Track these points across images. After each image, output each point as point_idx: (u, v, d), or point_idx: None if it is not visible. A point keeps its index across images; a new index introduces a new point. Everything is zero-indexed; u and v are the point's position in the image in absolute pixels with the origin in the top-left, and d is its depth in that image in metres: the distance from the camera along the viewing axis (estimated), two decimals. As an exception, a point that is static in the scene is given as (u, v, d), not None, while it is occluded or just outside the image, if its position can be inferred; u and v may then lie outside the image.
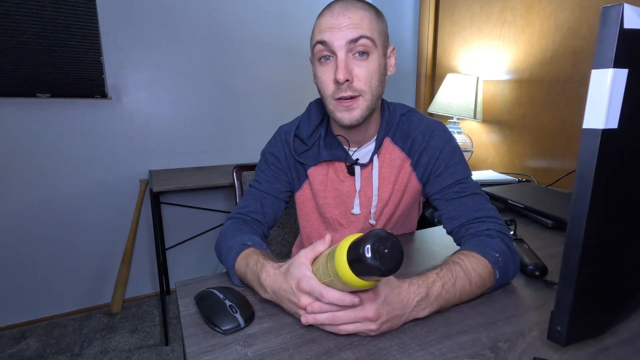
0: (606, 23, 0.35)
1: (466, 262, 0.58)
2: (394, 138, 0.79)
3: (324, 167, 0.80)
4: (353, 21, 0.65)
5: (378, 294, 0.48)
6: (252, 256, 0.61)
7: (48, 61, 1.68)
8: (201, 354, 0.46)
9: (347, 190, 0.80)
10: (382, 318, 0.48)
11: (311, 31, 0.72)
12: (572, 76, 1.49)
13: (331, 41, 0.66)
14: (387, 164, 0.79)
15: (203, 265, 2.27)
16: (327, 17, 0.67)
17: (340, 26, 0.65)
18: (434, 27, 2.23)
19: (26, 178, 1.77)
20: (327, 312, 0.48)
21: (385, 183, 0.79)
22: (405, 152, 0.78)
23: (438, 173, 0.76)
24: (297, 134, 0.81)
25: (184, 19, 1.94)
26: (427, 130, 0.78)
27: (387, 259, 0.40)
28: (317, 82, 0.72)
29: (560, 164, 1.56)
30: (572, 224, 0.39)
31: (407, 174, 0.79)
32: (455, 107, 1.81)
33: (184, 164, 2.10)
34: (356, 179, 0.79)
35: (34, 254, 1.84)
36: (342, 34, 0.65)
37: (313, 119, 0.81)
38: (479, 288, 0.57)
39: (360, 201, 0.80)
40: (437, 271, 0.56)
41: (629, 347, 0.48)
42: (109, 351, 1.69)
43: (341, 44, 0.65)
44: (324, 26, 0.67)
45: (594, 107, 0.37)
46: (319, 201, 0.82)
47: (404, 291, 0.50)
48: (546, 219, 0.95)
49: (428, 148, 0.77)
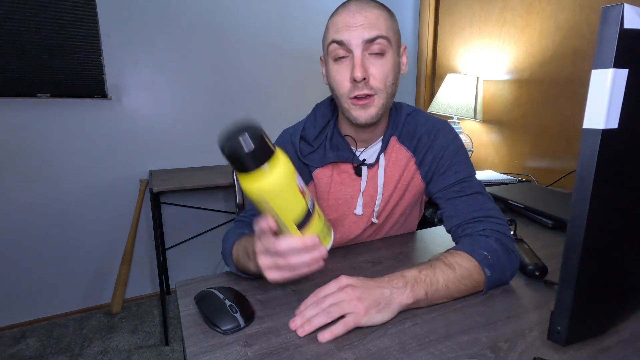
0: (606, 23, 0.35)
1: (449, 257, 0.59)
2: (400, 137, 0.79)
3: (329, 169, 0.80)
4: (369, 20, 0.65)
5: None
6: (247, 238, 0.62)
7: (48, 61, 1.68)
8: (201, 354, 0.46)
9: (350, 191, 0.80)
10: (358, 287, 0.51)
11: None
12: (572, 76, 1.50)
13: (348, 40, 0.66)
14: (392, 163, 0.79)
15: (203, 265, 2.27)
16: (343, 15, 0.67)
17: (356, 25, 0.65)
18: (434, 27, 2.23)
19: (26, 178, 1.77)
20: (289, 266, 0.50)
21: (389, 182, 0.79)
22: (411, 150, 0.79)
23: (442, 171, 0.76)
24: (302, 136, 0.80)
25: (184, 19, 1.94)
26: (433, 129, 0.78)
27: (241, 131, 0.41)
28: (331, 81, 0.71)
29: (560, 164, 1.56)
30: (572, 224, 0.39)
31: (411, 172, 0.79)
32: (455, 107, 1.81)
33: (184, 164, 2.10)
34: (362, 180, 0.79)
35: (34, 254, 1.84)
36: (358, 33, 0.65)
37: (319, 121, 0.80)
38: (467, 279, 0.57)
39: (363, 202, 0.80)
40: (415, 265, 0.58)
41: (629, 347, 0.48)
42: (109, 351, 1.69)
43: (358, 42, 0.65)
44: (340, 25, 0.67)
45: (594, 107, 0.37)
46: (322, 203, 0.82)
47: (376, 278, 0.56)
48: (546, 219, 0.95)
49: (433, 147, 0.77)
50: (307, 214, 0.49)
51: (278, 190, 0.46)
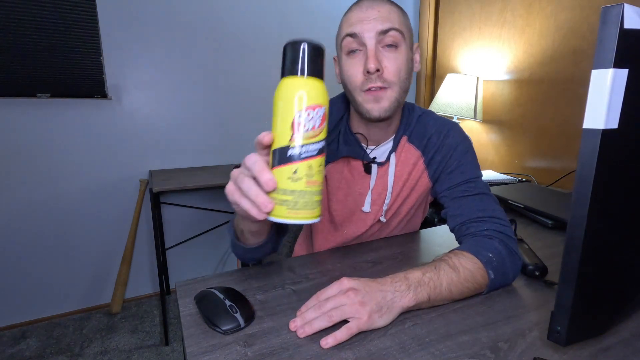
0: (606, 23, 0.35)
1: (454, 258, 0.59)
2: (411, 137, 0.79)
3: (340, 165, 0.81)
4: (382, 14, 0.66)
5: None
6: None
7: (48, 61, 1.68)
8: (201, 354, 0.46)
9: (359, 189, 0.81)
10: (360, 291, 0.50)
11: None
12: (572, 76, 1.50)
13: (361, 32, 0.66)
14: (401, 162, 0.79)
15: (203, 265, 2.27)
16: (356, 11, 0.68)
17: (369, 18, 0.66)
18: (434, 27, 2.23)
19: (26, 178, 1.77)
20: (240, 189, 0.45)
21: (398, 180, 0.79)
22: (420, 150, 0.79)
23: (449, 171, 0.76)
24: None
25: (184, 18, 1.94)
26: (443, 130, 0.79)
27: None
28: (344, 76, 0.72)
29: (560, 164, 1.56)
30: (572, 224, 0.39)
31: (419, 171, 0.79)
32: (455, 107, 1.81)
33: (184, 164, 2.10)
34: (372, 178, 0.79)
35: (34, 254, 1.84)
36: (371, 25, 0.66)
37: (335, 115, 0.81)
38: (470, 282, 0.57)
39: (372, 199, 0.80)
40: (419, 266, 0.57)
41: (629, 347, 0.47)
42: (109, 351, 1.69)
43: (371, 34, 0.66)
44: (353, 20, 0.68)
45: (594, 107, 0.37)
46: (331, 198, 0.82)
47: (379, 279, 0.54)
48: (546, 219, 0.95)
49: (442, 147, 0.78)
50: (283, 151, 0.42)
51: (283, 98, 0.42)
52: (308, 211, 0.43)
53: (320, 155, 0.43)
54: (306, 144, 0.42)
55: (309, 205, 0.43)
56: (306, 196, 0.43)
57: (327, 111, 0.44)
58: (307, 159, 0.42)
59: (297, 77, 0.42)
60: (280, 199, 0.43)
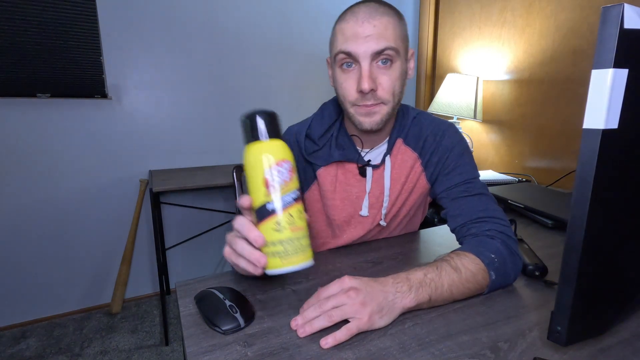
0: (606, 23, 0.35)
1: (456, 259, 0.59)
2: (406, 140, 0.79)
3: (333, 168, 0.80)
4: (378, 30, 0.64)
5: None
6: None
7: (48, 61, 1.68)
8: (201, 354, 0.46)
9: (356, 192, 0.80)
10: (362, 290, 0.50)
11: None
12: (572, 76, 1.50)
13: (356, 52, 0.65)
14: (398, 165, 0.79)
15: (203, 265, 2.27)
16: (352, 23, 0.66)
17: (365, 35, 0.64)
18: (434, 27, 2.24)
19: (26, 178, 1.77)
20: (246, 247, 0.47)
21: (395, 184, 0.79)
22: (417, 152, 0.79)
23: (447, 172, 0.76)
24: (308, 134, 0.80)
25: (184, 19, 1.94)
26: (439, 131, 0.79)
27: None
28: (338, 86, 0.71)
29: (560, 164, 1.56)
30: (572, 224, 0.39)
31: (417, 174, 0.79)
32: (455, 107, 1.81)
33: (184, 164, 2.10)
34: (367, 181, 0.79)
35: (34, 254, 1.84)
36: (367, 45, 0.64)
37: (326, 119, 0.80)
38: (471, 283, 0.57)
39: (369, 203, 0.80)
40: (420, 266, 0.57)
41: (629, 347, 0.47)
42: (109, 351, 1.69)
43: (366, 55, 0.65)
44: (349, 34, 0.66)
45: (594, 107, 0.37)
46: (327, 202, 0.82)
47: (380, 278, 0.54)
48: (546, 219, 0.96)
49: (439, 148, 0.78)
50: (263, 208, 0.46)
51: (251, 163, 0.47)
52: (300, 255, 0.47)
53: (297, 202, 0.47)
54: (282, 196, 0.46)
55: (299, 250, 0.47)
56: (294, 242, 0.47)
57: (294, 163, 0.49)
58: (285, 209, 0.46)
59: (260, 141, 0.47)
60: (271, 251, 0.47)
